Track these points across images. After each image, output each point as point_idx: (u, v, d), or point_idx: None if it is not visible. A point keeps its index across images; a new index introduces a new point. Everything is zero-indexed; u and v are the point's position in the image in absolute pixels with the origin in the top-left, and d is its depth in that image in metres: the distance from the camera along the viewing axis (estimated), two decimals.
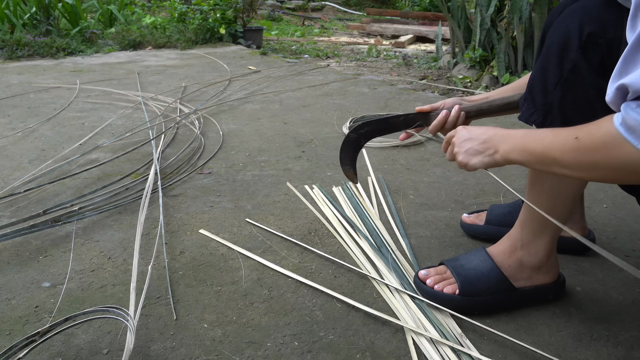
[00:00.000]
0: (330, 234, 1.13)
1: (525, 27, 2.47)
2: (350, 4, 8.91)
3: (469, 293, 0.86)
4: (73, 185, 1.39)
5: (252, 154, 1.64)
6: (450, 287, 0.87)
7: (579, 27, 0.70)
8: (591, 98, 0.70)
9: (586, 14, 0.70)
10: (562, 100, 0.74)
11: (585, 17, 0.70)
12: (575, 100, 0.73)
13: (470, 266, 0.89)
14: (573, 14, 0.72)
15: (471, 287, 0.86)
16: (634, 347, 0.79)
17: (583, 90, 0.71)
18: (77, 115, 2.10)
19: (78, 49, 3.84)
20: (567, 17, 0.73)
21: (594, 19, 0.69)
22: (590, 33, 0.69)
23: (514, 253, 0.87)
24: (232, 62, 3.38)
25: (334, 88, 2.64)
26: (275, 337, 0.81)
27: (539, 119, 0.77)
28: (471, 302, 0.86)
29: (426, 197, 1.32)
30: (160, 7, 6.01)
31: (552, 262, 0.87)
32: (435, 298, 0.87)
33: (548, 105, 0.75)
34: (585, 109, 0.72)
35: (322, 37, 5.53)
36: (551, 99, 0.75)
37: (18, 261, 1.03)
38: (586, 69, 0.70)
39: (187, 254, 1.05)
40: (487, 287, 0.86)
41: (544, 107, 0.76)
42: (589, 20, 0.70)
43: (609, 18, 0.68)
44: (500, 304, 0.87)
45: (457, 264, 0.90)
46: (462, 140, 0.79)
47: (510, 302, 0.87)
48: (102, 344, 0.79)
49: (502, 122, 1.98)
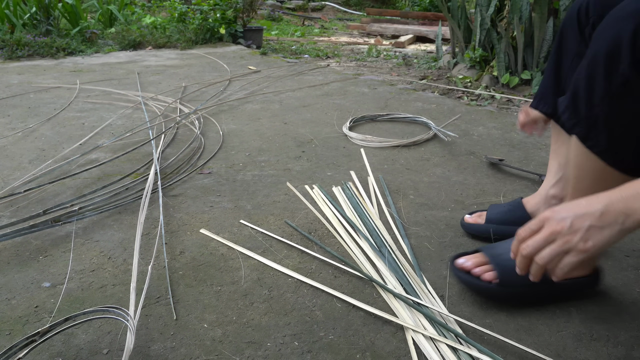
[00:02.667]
0: (330, 234, 1.13)
1: (525, 27, 2.47)
2: (350, 4, 8.92)
3: (507, 284, 0.85)
4: (73, 185, 1.39)
5: (252, 154, 1.64)
6: (489, 275, 0.86)
7: (633, 35, 0.60)
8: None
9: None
10: (608, 115, 0.67)
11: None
12: (624, 116, 0.67)
13: (509, 256, 0.87)
14: (627, 19, 0.62)
15: (510, 278, 0.84)
16: (634, 347, 0.79)
17: (635, 106, 0.65)
18: (77, 115, 2.10)
19: (78, 49, 3.84)
20: (619, 22, 0.63)
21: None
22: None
23: None
24: (232, 62, 3.38)
25: (334, 88, 2.64)
26: (275, 337, 0.81)
27: (581, 132, 0.72)
28: (509, 293, 0.86)
29: (426, 197, 1.32)
30: (160, 7, 6.01)
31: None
32: (471, 284, 0.87)
33: (593, 119, 0.69)
34: (634, 126, 0.66)
35: (322, 37, 5.53)
36: (597, 113, 0.68)
37: (18, 261, 1.03)
38: (637, 85, 0.62)
39: (187, 254, 1.05)
40: (525, 279, 0.86)
41: (588, 121, 0.70)
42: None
43: None
44: (536, 297, 0.87)
45: (496, 253, 0.89)
46: (568, 223, 0.60)
47: (547, 295, 0.87)
48: (102, 344, 0.79)
49: (502, 122, 1.98)
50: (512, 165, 1.50)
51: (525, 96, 2.44)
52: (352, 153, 1.64)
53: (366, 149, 1.67)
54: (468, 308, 0.88)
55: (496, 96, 2.45)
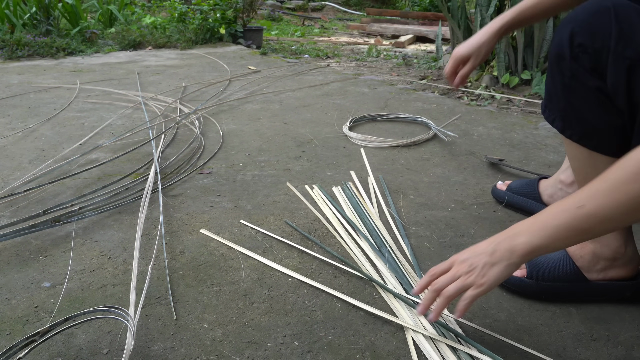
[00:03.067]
0: (330, 234, 1.13)
1: (525, 27, 2.47)
2: (350, 4, 8.92)
3: (536, 277, 0.87)
4: (73, 185, 1.39)
5: (252, 154, 1.64)
6: (519, 271, 0.87)
7: (569, 38, 0.74)
8: (597, 97, 0.74)
9: (577, 24, 0.73)
10: (572, 103, 0.78)
11: (576, 27, 0.73)
12: (585, 101, 0.76)
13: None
14: (565, 25, 0.75)
15: (539, 272, 0.87)
16: (634, 347, 0.79)
17: (586, 92, 0.75)
18: (77, 115, 2.10)
19: (78, 49, 3.84)
20: (561, 28, 0.76)
21: (584, 29, 0.72)
22: (580, 44, 0.72)
23: (587, 244, 0.87)
24: (232, 62, 3.38)
25: (334, 88, 2.64)
26: (275, 337, 0.81)
27: (559, 125, 0.81)
28: (539, 287, 0.87)
29: (426, 197, 1.32)
30: (160, 7, 6.01)
31: (630, 255, 0.86)
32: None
33: (563, 110, 0.80)
34: (595, 107, 0.76)
35: (322, 37, 5.53)
36: (563, 104, 0.80)
37: (18, 261, 1.03)
38: (583, 74, 0.74)
39: (187, 254, 1.05)
40: (556, 274, 0.86)
41: (561, 113, 0.80)
42: (579, 31, 0.73)
43: (598, 27, 0.70)
44: (571, 294, 0.87)
45: None
46: (466, 266, 0.70)
47: (583, 294, 0.87)
48: (102, 344, 0.79)
49: (502, 122, 1.98)
50: (512, 165, 1.50)
51: (525, 96, 2.44)
52: (352, 153, 1.64)
53: (366, 149, 1.67)
54: None
55: (496, 96, 2.45)
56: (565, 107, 0.79)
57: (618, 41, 0.68)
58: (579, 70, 0.74)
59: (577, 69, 0.74)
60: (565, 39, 0.74)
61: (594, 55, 0.71)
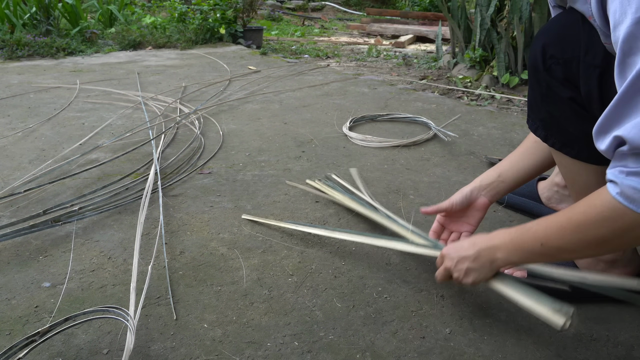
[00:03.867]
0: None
1: (525, 27, 2.47)
2: (350, 4, 8.92)
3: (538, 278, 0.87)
4: (73, 185, 1.39)
5: (252, 154, 1.64)
6: (520, 272, 0.88)
7: (542, 50, 0.76)
8: (572, 107, 0.76)
9: (548, 36, 0.76)
10: (551, 113, 0.80)
11: (547, 39, 0.76)
12: (562, 111, 0.78)
13: None
14: (538, 38, 0.78)
15: (541, 273, 0.86)
16: (634, 347, 0.79)
17: (561, 102, 0.77)
18: (77, 115, 2.10)
19: (78, 49, 3.84)
20: (536, 41, 0.79)
21: (555, 41, 0.75)
22: (551, 55, 0.75)
23: None
24: (232, 62, 3.38)
25: (334, 88, 2.64)
26: (275, 337, 0.81)
27: (542, 134, 0.83)
28: (539, 286, 0.86)
29: (426, 197, 1.32)
30: (160, 7, 6.01)
31: (630, 256, 0.87)
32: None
33: (543, 119, 0.82)
34: (571, 116, 0.77)
35: (322, 37, 5.53)
36: (543, 114, 0.82)
37: (18, 261, 1.03)
38: (556, 85, 0.76)
39: (187, 254, 1.05)
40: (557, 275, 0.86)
41: (542, 123, 0.82)
42: (550, 43, 0.75)
43: (568, 39, 0.73)
44: (571, 295, 0.87)
45: None
46: (454, 263, 0.80)
47: (584, 295, 0.86)
48: (102, 344, 0.79)
49: (502, 122, 1.98)
50: None
51: (525, 96, 2.44)
52: (352, 153, 1.64)
53: (366, 148, 1.67)
54: (468, 308, 0.88)
55: (496, 96, 2.45)
56: (545, 117, 0.81)
57: (587, 51, 0.70)
58: (552, 82, 0.76)
59: (550, 80, 0.76)
60: (538, 51, 0.77)
61: (564, 65, 0.73)
